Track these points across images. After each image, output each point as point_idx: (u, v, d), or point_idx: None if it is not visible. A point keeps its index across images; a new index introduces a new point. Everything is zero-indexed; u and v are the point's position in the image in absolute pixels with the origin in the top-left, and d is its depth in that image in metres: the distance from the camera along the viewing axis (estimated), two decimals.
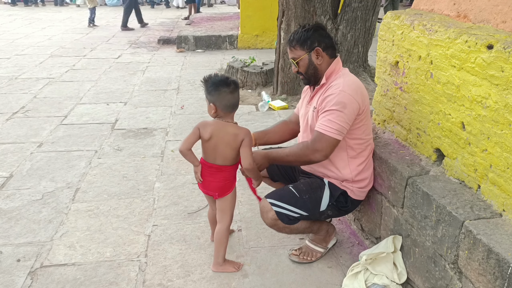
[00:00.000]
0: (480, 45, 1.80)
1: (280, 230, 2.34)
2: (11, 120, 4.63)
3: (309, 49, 2.21)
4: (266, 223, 2.31)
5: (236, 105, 2.20)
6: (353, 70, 5.35)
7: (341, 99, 2.11)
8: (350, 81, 2.20)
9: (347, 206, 2.36)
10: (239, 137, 2.16)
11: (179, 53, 8.25)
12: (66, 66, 7.01)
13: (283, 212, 2.24)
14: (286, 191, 2.31)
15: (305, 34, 2.21)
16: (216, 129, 2.18)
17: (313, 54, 2.22)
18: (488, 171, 1.81)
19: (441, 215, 1.85)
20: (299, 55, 2.24)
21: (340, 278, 2.34)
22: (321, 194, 2.29)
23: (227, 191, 2.27)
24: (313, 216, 2.33)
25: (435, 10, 2.41)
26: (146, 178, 3.42)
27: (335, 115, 2.11)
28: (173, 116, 4.84)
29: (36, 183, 3.33)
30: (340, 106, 2.11)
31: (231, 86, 2.15)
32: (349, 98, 2.12)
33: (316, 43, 2.21)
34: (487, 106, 1.79)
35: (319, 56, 2.22)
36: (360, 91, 2.19)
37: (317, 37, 2.21)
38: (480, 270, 1.63)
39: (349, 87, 2.15)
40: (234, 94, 2.16)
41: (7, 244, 2.60)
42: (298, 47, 2.23)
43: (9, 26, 11.09)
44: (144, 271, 2.38)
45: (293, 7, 5.00)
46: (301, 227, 2.35)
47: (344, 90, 2.13)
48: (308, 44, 2.21)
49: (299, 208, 2.26)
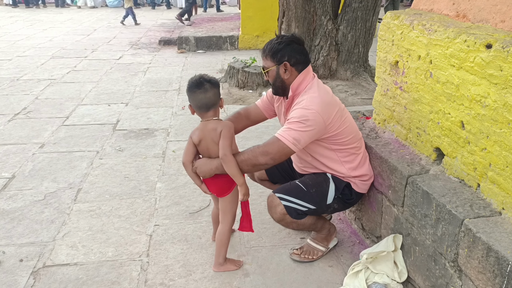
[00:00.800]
0: (479, 44, 1.81)
1: (287, 225, 2.36)
2: (13, 121, 4.65)
3: (278, 62, 2.21)
4: (274, 218, 2.33)
5: (209, 105, 2.16)
6: (353, 70, 5.37)
7: (304, 113, 2.11)
8: (319, 96, 2.17)
9: (352, 198, 2.40)
10: (218, 130, 2.15)
11: (180, 54, 8.26)
12: (67, 67, 7.03)
13: (292, 206, 2.26)
14: (293, 185, 2.33)
15: (276, 47, 2.20)
16: (201, 130, 2.20)
17: (281, 67, 2.21)
18: (488, 170, 1.82)
19: (441, 214, 1.86)
20: (269, 66, 2.25)
21: (341, 277, 2.35)
22: (327, 187, 2.32)
23: (225, 191, 2.28)
24: (320, 210, 2.36)
25: (434, 10, 2.42)
26: (148, 179, 3.44)
27: (295, 125, 2.12)
28: (174, 116, 4.85)
29: (38, 183, 3.34)
30: (303, 119, 2.10)
31: (202, 86, 2.13)
32: (314, 114, 2.11)
33: (286, 57, 2.20)
34: (486, 105, 1.80)
35: (286, 70, 2.21)
36: (328, 106, 2.16)
37: (288, 51, 2.20)
38: (479, 268, 1.64)
39: (314, 102, 2.13)
40: (206, 94, 2.13)
41: (9, 244, 2.62)
42: (269, 58, 2.23)
43: (10, 27, 11.12)
44: (146, 271, 2.40)
45: (294, 8, 5.01)
46: (307, 223, 2.37)
47: (308, 106, 2.12)
48: (278, 57, 2.20)
49: (307, 202, 2.28)
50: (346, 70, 5.29)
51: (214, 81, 2.19)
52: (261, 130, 4.16)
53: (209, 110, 2.18)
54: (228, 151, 2.14)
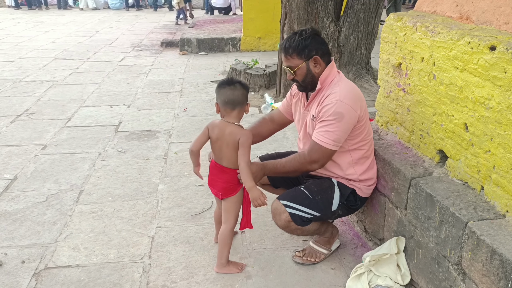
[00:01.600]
0: (483, 46, 1.81)
1: (292, 232, 2.35)
2: (15, 123, 4.65)
3: (306, 58, 2.18)
4: (279, 225, 2.31)
5: (235, 102, 2.17)
6: (356, 72, 5.36)
7: (339, 109, 2.11)
8: (347, 89, 2.18)
9: (357, 204, 2.38)
10: (236, 136, 2.16)
11: (182, 55, 8.27)
12: (69, 69, 7.04)
13: (297, 214, 2.24)
14: (298, 192, 2.30)
15: (302, 43, 2.16)
16: (220, 130, 2.21)
17: (311, 62, 2.18)
18: (492, 172, 1.81)
19: (445, 216, 1.85)
20: (297, 64, 2.19)
21: (343, 279, 2.34)
22: (332, 194, 2.30)
23: (230, 193, 2.28)
24: (325, 216, 2.34)
25: (437, 12, 2.41)
26: (150, 180, 3.43)
27: (332, 126, 2.12)
28: (176, 118, 4.85)
29: (40, 185, 3.34)
30: (338, 117, 2.11)
31: (232, 84, 2.17)
32: (347, 108, 2.12)
33: (314, 52, 2.17)
34: (490, 107, 1.79)
35: (317, 64, 2.19)
36: (358, 98, 2.19)
37: (315, 44, 2.18)
38: (483, 271, 1.63)
39: (346, 96, 2.14)
40: (234, 91, 2.16)
41: (11, 246, 2.62)
42: (296, 56, 2.18)
43: (13, 29, 11.14)
44: (148, 273, 2.39)
45: (296, 10, 5.01)
46: (312, 229, 2.36)
47: (341, 100, 2.12)
48: (306, 53, 2.17)
49: (312, 209, 2.26)
50: (348, 72, 5.28)
51: (244, 84, 2.24)
52: None
53: (235, 108, 2.19)
54: (248, 160, 2.16)
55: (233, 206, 2.31)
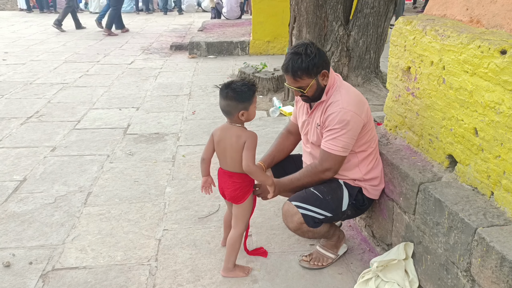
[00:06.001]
0: (493, 50, 1.79)
1: (303, 234, 2.35)
2: (25, 125, 4.69)
3: (315, 75, 2.19)
4: (290, 227, 2.31)
5: (228, 112, 2.16)
6: (365, 76, 5.34)
7: (344, 117, 2.14)
8: (349, 95, 2.21)
9: (365, 204, 2.39)
10: (242, 139, 2.15)
11: (191, 59, 8.29)
12: (79, 72, 7.09)
13: (309, 215, 2.25)
14: (309, 193, 2.31)
15: (311, 62, 2.15)
16: (223, 132, 2.22)
17: (319, 77, 2.21)
18: (502, 178, 1.79)
19: (454, 222, 1.83)
20: (307, 84, 2.19)
21: (350, 284, 2.32)
22: (341, 194, 2.32)
23: (240, 200, 2.27)
24: (336, 217, 2.35)
25: (447, 16, 2.39)
26: (157, 183, 3.44)
27: (339, 133, 2.16)
28: (185, 121, 4.86)
29: (49, 186, 3.36)
30: (343, 124, 2.14)
31: (223, 91, 2.14)
32: (351, 114, 2.15)
33: (321, 67, 2.19)
34: (501, 111, 1.76)
35: (325, 77, 2.22)
36: (360, 103, 2.21)
37: (320, 60, 2.18)
38: (493, 278, 1.61)
39: (349, 102, 2.17)
40: (225, 100, 2.13)
41: (19, 247, 2.63)
42: (306, 76, 2.18)
43: (24, 32, 11.26)
44: (154, 275, 2.39)
45: (305, 13, 5.00)
46: (322, 231, 2.36)
47: (345, 107, 2.15)
48: (315, 71, 2.18)
49: (324, 209, 2.27)
50: (357, 76, 5.25)
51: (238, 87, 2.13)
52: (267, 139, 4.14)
53: (231, 115, 2.18)
54: (251, 162, 2.16)
55: (243, 212, 2.31)
